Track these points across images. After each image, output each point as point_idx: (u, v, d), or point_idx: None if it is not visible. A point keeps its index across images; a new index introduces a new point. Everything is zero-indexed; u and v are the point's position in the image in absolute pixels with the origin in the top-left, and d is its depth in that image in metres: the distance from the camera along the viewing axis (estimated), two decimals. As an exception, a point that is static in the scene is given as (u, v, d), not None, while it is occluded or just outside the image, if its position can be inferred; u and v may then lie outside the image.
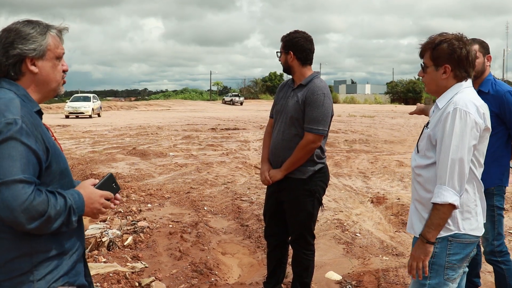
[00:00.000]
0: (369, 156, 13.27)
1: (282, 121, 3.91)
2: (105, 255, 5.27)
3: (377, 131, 21.58)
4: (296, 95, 3.85)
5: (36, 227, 1.74)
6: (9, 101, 1.83)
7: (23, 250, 1.83)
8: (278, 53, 3.96)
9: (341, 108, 52.80)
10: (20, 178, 1.71)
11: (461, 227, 2.53)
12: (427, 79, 2.66)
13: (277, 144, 3.92)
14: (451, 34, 2.62)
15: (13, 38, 1.92)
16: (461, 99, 2.49)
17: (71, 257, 1.97)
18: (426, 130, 2.62)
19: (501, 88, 3.64)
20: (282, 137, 3.88)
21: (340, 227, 6.48)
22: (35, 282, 1.85)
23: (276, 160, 3.95)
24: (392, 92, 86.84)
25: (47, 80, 1.99)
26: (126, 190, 8.47)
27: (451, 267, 2.57)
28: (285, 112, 3.89)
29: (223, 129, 22.91)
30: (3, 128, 1.75)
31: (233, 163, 12.02)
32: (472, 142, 2.44)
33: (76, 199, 1.88)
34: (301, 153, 3.78)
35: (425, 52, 2.64)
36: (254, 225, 6.65)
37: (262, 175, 4.04)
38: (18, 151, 1.74)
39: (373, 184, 9.40)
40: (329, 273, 4.85)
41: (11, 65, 1.92)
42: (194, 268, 4.93)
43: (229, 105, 64.32)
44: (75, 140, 17.72)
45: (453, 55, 2.55)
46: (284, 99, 3.96)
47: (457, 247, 2.54)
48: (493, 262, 3.77)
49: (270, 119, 4.18)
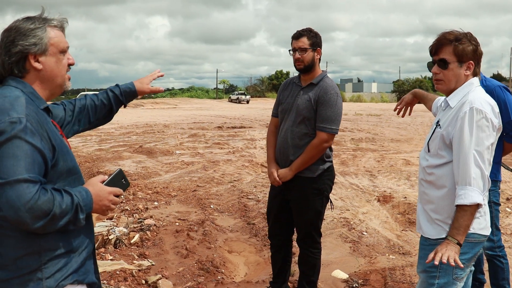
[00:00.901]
0: (376, 154, 13.23)
1: (291, 120, 3.87)
2: (112, 252, 5.29)
3: (383, 130, 21.51)
4: (307, 94, 3.82)
5: (41, 226, 1.74)
6: (14, 99, 1.83)
7: (31, 248, 1.83)
8: (298, 50, 3.79)
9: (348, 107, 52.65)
10: (25, 178, 1.71)
11: (471, 227, 2.50)
12: (448, 75, 2.58)
13: (285, 143, 3.88)
14: (461, 31, 2.59)
15: (13, 36, 1.92)
16: (476, 99, 2.47)
17: (80, 255, 1.97)
18: (438, 129, 2.59)
19: (491, 83, 3.72)
20: (292, 135, 3.84)
21: (346, 226, 6.47)
22: (43, 280, 1.85)
23: (284, 159, 3.91)
24: (399, 90, 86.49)
25: (52, 75, 1.98)
26: (133, 188, 8.49)
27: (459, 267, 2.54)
28: (294, 111, 3.85)
29: (230, 127, 22.90)
30: (7, 127, 1.74)
31: (239, 161, 12.02)
32: (490, 141, 2.45)
33: (84, 197, 1.88)
34: (314, 152, 3.77)
35: (444, 48, 2.56)
36: (260, 223, 6.65)
37: (271, 176, 3.97)
38: (22, 150, 1.74)
39: (379, 183, 9.37)
40: (336, 272, 4.84)
41: (14, 63, 1.92)
42: (201, 266, 4.94)
43: (236, 104, 64.34)
44: (82, 138, 17.76)
45: (476, 52, 2.55)
46: (291, 98, 3.92)
47: (466, 246, 2.52)
48: (494, 257, 3.85)
49: (274, 118, 4.12)
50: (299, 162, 3.81)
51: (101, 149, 14.41)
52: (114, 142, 16.23)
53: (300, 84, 3.93)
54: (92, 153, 13.50)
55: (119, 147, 14.75)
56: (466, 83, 2.58)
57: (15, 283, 1.82)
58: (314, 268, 4.07)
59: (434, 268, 2.56)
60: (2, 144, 1.73)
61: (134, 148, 14.26)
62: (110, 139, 17.29)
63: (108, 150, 14.19)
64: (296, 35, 3.83)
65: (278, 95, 4.09)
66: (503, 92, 3.66)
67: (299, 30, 3.86)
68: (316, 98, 3.77)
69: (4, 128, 1.74)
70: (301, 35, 3.80)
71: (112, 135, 19.19)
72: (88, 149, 14.46)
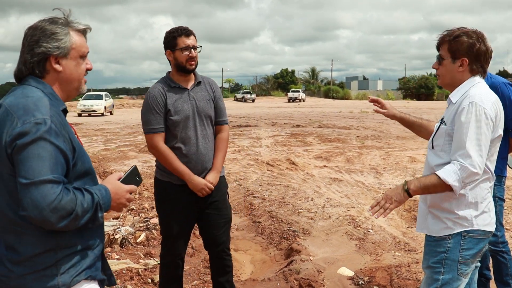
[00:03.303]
0: (381, 152, 13.21)
1: (198, 124, 3.56)
2: (118, 252, 5.32)
3: (389, 127, 21.46)
4: (202, 93, 3.61)
5: (65, 225, 1.77)
6: (38, 100, 1.85)
7: (48, 245, 1.86)
8: (193, 48, 3.51)
9: (353, 105, 52.60)
10: (49, 178, 1.74)
11: (475, 223, 2.53)
12: (442, 71, 2.66)
13: (204, 150, 3.57)
14: (471, 28, 2.61)
15: (38, 36, 1.94)
16: (476, 94, 2.49)
17: (93, 251, 2.00)
18: (443, 126, 2.61)
19: (496, 80, 3.74)
20: (208, 139, 3.60)
21: (352, 223, 6.47)
22: (58, 276, 1.87)
23: (206, 167, 3.59)
24: (404, 88, 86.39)
25: (70, 78, 2.01)
26: (139, 187, 8.51)
27: (464, 262, 2.56)
28: (199, 114, 3.57)
29: (235, 126, 22.91)
30: (32, 128, 1.76)
31: (245, 160, 12.03)
32: (488, 135, 2.46)
33: (104, 195, 1.91)
34: (227, 146, 3.75)
35: (443, 44, 2.63)
36: (266, 222, 6.66)
37: (205, 187, 3.51)
38: (47, 151, 1.76)
39: (385, 180, 9.36)
40: (342, 269, 4.84)
41: (35, 63, 1.94)
42: (207, 265, 4.95)
43: (241, 102, 64.38)
44: (88, 138, 17.83)
45: (472, 49, 2.54)
46: (185, 103, 3.54)
47: (471, 242, 2.54)
48: (497, 252, 3.84)
49: (159, 134, 3.50)
50: (220, 161, 3.65)
51: (107, 149, 14.47)
52: (120, 142, 16.29)
53: (183, 87, 3.57)
54: (98, 153, 13.55)
55: (125, 147, 14.80)
56: (469, 80, 2.60)
57: (30, 278, 1.84)
58: (231, 272, 3.87)
59: (438, 264, 2.58)
60: (28, 145, 1.75)
61: (140, 148, 14.29)
62: (116, 139, 17.35)
63: (114, 150, 14.24)
64: (186, 32, 3.50)
65: (162, 109, 3.50)
66: (507, 89, 3.68)
67: (183, 27, 3.55)
68: (213, 94, 3.66)
69: (29, 129, 1.76)
70: (191, 32, 3.53)
71: (118, 134, 19.25)
72: (94, 149, 14.52)
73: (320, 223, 6.54)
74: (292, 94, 68.11)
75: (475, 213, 2.53)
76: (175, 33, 3.51)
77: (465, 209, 2.53)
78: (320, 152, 13.28)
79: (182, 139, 3.52)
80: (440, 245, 2.59)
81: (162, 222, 3.71)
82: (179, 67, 3.52)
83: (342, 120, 26.34)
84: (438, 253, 2.59)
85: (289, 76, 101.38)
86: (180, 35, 3.50)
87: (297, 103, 61.36)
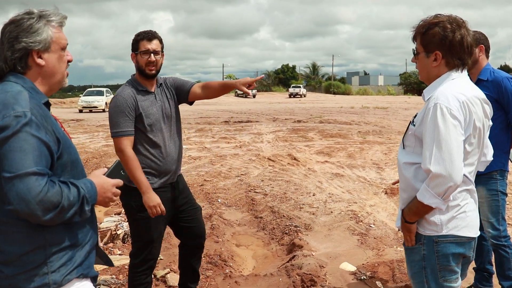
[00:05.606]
0: (383, 147, 13.20)
1: (166, 127, 3.57)
2: (120, 247, 5.32)
3: (390, 122, 21.44)
4: (164, 95, 3.64)
5: (51, 218, 1.74)
6: (17, 93, 1.83)
7: (37, 242, 1.84)
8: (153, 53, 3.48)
9: (354, 100, 52.59)
10: (33, 171, 1.72)
11: (445, 228, 2.35)
12: (419, 66, 2.46)
13: (174, 152, 3.61)
14: (445, 15, 2.38)
15: (17, 32, 1.92)
16: (442, 94, 2.27)
17: (83, 248, 1.98)
18: (412, 127, 2.42)
19: (499, 75, 3.75)
20: (176, 141, 3.65)
21: (354, 218, 6.47)
22: (49, 274, 1.86)
23: (174, 168, 3.63)
24: (405, 83, 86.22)
25: (53, 72, 2.00)
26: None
27: (444, 269, 2.39)
28: (167, 117, 3.59)
29: (236, 121, 22.90)
30: (12, 121, 1.75)
31: (246, 155, 12.02)
32: (460, 138, 2.23)
33: (89, 188, 1.89)
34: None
35: (417, 37, 2.42)
36: (268, 217, 6.66)
37: (158, 207, 3.39)
38: (29, 144, 1.74)
39: (386, 175, 9.36)
40: (344, 264, 4.84)
41: (17, 59, 1.92)
42: (209, 260, 4.95)
43: (242, 98, 64.31)
44: (89, 134, 17.83)
45: (445, 41, 2.31)
46: (153, 106, 3.53)
47: (445, 247, 2.36)
48: (499, 246, 3.84)
49: (127, 137, 3.41)
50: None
51: (108, 144, 14.45)
52: (121, 138, 16.25)
53: (150, 90, 3.56)
54: (100, 149, 13.55)
55: (126, 143, 14.76)
56: (443, 75, 2.38)
57: (21, 278, 1.83)
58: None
59: (419, 273, 2.44)
60: (9, 138, 1.73)
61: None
62: (117, 135, 17.31)
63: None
64: (148, 36, 3.48)
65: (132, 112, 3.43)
66: (510, 83, 3.68)
67: (146, 31, 3.52)
68: (172, 91, 3.69)
69: (9, 122, 1.74)
70: (154, 36, 3.50)
71: (119, 131, 19.20)
72: (95, 145, 14.52)
73: (322, 218, 6.54)
74: (293, 89, 68.03)
75: (444, 218, 2.34)
76: (138, 36, 3.51)
77: (434, 214, 2.34)
78: (321, 147, 13.27)
79: (152, 142, 3.49)
80: (415, 253, 2.44)
81: (142, 229, 3.56)
82: (139, 71, 3.52)
83: (343, 116, 26.31)
84: (415, 262, 2.45)
85: (290, 72, 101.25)
86: (143, 38, 3.48)
87: (298, 98, 61.27)
